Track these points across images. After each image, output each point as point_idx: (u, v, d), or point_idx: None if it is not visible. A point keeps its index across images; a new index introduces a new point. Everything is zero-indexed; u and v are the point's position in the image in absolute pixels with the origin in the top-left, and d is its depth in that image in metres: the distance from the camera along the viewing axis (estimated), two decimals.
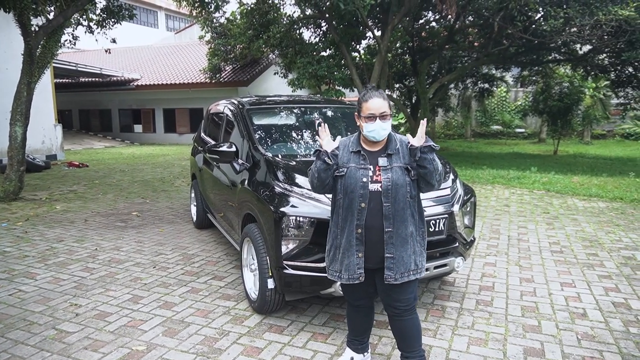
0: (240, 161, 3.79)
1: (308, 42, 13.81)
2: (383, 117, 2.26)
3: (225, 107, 4.72)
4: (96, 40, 10.32)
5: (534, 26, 11.42)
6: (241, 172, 3.72)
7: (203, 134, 5.51)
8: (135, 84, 20.70)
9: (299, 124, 4.35)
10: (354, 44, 14.48)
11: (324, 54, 13.60)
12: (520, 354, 2.77)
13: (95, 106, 23.06)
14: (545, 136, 21.67)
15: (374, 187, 2.26)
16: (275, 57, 16.30)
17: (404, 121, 21.18)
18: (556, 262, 4.42)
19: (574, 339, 2.95)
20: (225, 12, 14.56)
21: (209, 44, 17.19)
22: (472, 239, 3.55)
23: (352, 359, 2.60)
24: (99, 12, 10.01)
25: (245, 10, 13.56)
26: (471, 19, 13.29)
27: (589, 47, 12.56)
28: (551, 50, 13.66)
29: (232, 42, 15.47)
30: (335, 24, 12.44)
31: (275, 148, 3.83)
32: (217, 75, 18.41)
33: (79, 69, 18.54)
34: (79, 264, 4.39)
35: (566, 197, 7.64)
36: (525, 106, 22.32)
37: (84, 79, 21.23)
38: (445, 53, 15.38)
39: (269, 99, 4.94)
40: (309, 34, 14.73)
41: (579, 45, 12.98)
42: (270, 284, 3.06)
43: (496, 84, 19.46)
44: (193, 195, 5.85)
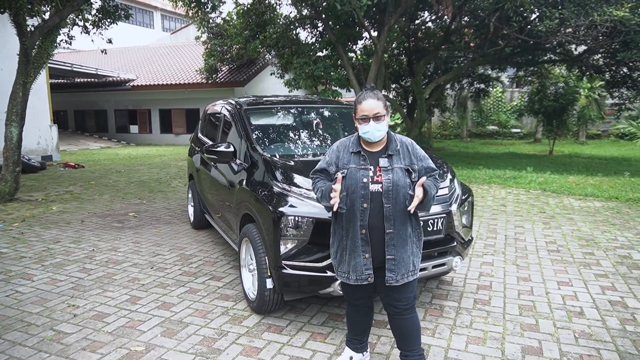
0: (238, 161, 3.79)
1: (305, 42, 13.83)
2: (377, 118, 2.26)
3: (222, 107, 4.71)
4: (92, 40, 10.29)
5: (529, 27, 11.47)
6: (239, 172, 3.72)
7: (200, 135, 5.50)
8: (131, 84, 20.62)
9: (296, 124, 4.36)
10: (351, 44, 14.50)
11: (320, 54, 13.62)
12: (519, 352, 2.78)
13: (91, 107, 22.97)
14: (540, 136, 21.77)
15: (374, 187, 2.26)
16: (271, 57, 16.30)
17: (400, 121, 21.22)
18: (553, 261, 4.44)
19: (571, 337, 2.96)
20: (221, 13, 14.53)
21: (205, 45, 17.15)
22: (470, 238, 3.57)
23: (351, 358, 2.61)
24: (94, 12, 9.98)
25: (242, 11, 13.56)
26: (467, 19, 13.33)
27: (584, 47, 12.63)
28: (546, 50, 13.72)
29: (228, 42, 15.45)
30: (332, 24, 12.45)
31: (273, 148, 3.83)
32: (214, 76, 18.37)
33: (75, 69, 18.45)
34: (76, 264, 4.37)
35: (562, 196, 7.69)
36: (521, 106, 22.40)
37: (79, 80, 21.13)
38: (442, 53, 15.43)
39: (266, 99, 4.94)
40: (305, 35, 14.75)
41: (574, 46, 13.08)
42: (269, 283, 3.06)
43: (492, 84, 19.53)
44: (190, 195, 5.84)
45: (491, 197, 7.68)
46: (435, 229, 3.07)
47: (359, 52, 15.89)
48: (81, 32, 10.09)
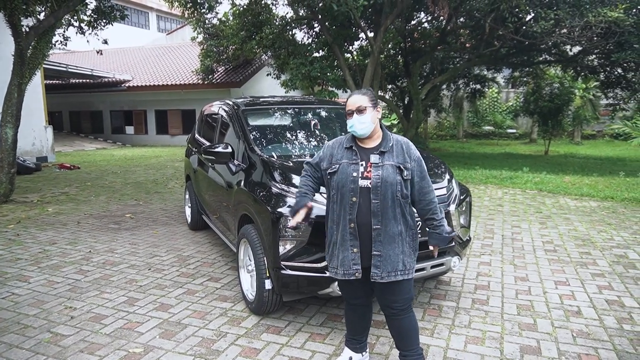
0: (236, 162, 3.79)
1: (301, 43, 13.82)
2: (360, 111, 2.31)
3: (220, 108, 4.70)
4: (87, 41, 10.24)
5: (524, 27, 11.52)
6: (237, 173, 3.71)
7: (197, 136, 5.49)
8: (127, 85, 20.55)
9: (294, 124, 4.35)
10: (347, 45, 14.51)
11: (316, 55, 13.61)
12: (517, 352, 2.79)
13: (86, 107, 22.85)
14: (536, 136, 21.88)
15: (364, 183, 2.29)
16: (268, 58, 16.27)
17: (396, 122, 21.26)
18: (550, 260, 4.46)
19: (569, 336, 2.98)
20: (217, 13, 14.51)
21: (201, 45, 17.12)
22: (468, 238, 3.58)
23: (350, 358, 2.61)
24: (90, 12, 9.94)
25: (238, 11, 13.53)
26: (463, 20, 13.37)
27: (578, 48, 12.70)
28: (542, 51, 13.80)
29: (224, 43, 15.42)
30: (328, 25, 12.45)
31: (271, 149, 3.83)
32: (210, 77, 18.33)
33: (70, 70, 18.36)
34: (72, 266, 4.35)
35: (558, 196, 7.72)
36: (517, 107, 22.52)
37: (74, 80, 21.02)
38: (438, 54, 15.47)
39: (263, 99, 4.94)
40: (301, 35, 14.74)
41: (569, 47, 13.14)
42: (268, 284, 3.06)
43: (488, 84, 19.60)
44: (187, 196, 5.82)
45: (488, 197, 7.71)
46: None
47: (355, 52, 15.91)
48: (76, 33, 10.04)
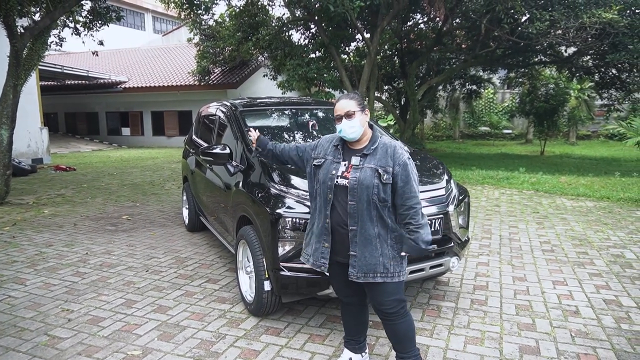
0: (234, 163, 3.78)
1: (297, 44, 13.81)
2: (348, 115, 2.33)
3: (217, 109, 4.69)
4: (83, 42, 10.18)
5: (520, 28, 11.58)
6: (235, 174, 3.70)
7: (195, 137, 5.47)
8: (123, 86, 20.47)
9: (292, 125, 4.35)
10: (344, 46, 14.51)
11: (313, 56, 13.60)
12: (516, 352, 2.80)
13: (82, 109, 22.75)
14: (532, 137, 21.95)
15: (342, 182, 2.32)
16: (264, 59, 16.26)
17: (393, 123, 21.29)
18: (547, 260, 4.47)
19: (567, 336, 2.99)
20: (214, 14, 14.47)
21: (198, 46, 17.07)
22: (467, 238, 3.58)
23: (350, 359, 2.60)
24: (85, 13, 9.89)
25: (234, 13, 13.52)
26: (459, 21, 13.41)
27: (573, 49, 12.75)
28: (537, 52, 13.86)
29: (221, 44, 15.38)
30: (325, 26, 12.46)
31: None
32: (206, 78, 18.29)
33: (65, 71, 18.28)
34: (69, 268, 4.32)
35: (555, 196, 7.76)
36: (512, 107, 22.61)
37: (70, 82, 20.93)
38: (434, 55, 15.51)
39: (261, 100, 4.93)
40: (298, 36, 14.74)
41: (564, 48, 13.22)
42: (267, 286, 3.05)
43: (483, 85, 19.67)
44: (185, 198, 5.80)
45: (485, 198, 7.73)
46: (432, 229, 3.07)
47: (351, 53, 15.90)
48: (72, 34, 9.98)
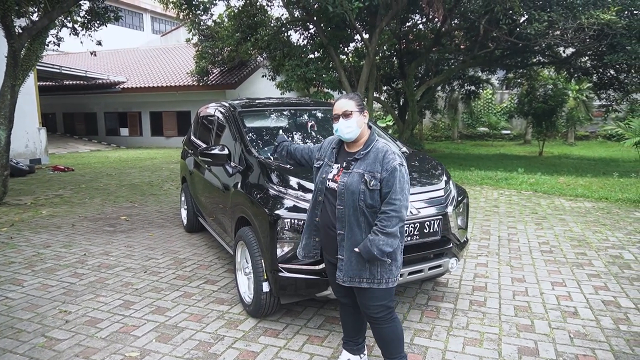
0: (233, 164, 3.77)
1: (296, 44, 13.81)
2: (346, 115, 2.33)
3: (216, 110, 4.68)
4: (81, 42, 10.15)
5: (518, 29, 11.59)
6: (234, 175, 3.69)
7: (193, 137, 5.46)
8: (121, 86, 20.43)
9: (290, 126, 4.34)
10: (342, 46, 14.53)
11: (312, 56, 13.60)
12: (515, 353, 2.79)
13: (80, 109, 22.70)
14: (530, 137, 21.99)
15: (332, 185, 2.34)
16: (263, 59, 16.26)
17: (392, 123, 21.30)
18: (546, 261, 4.47)
19: (566, 337, 2.99)
20: (212, 15, 14.47)
21: (196, 47, 17.06)
22: (465, 239, 3.58)
23: None
24: (83, 14, 9.86)
25: (233, 13, 13.51)
26: (457, 22, 13.43)
27: (572, 50, 12.79)
28: (535, 53, 13.89)
29: (219, 44, 15.38)
30: (324, 26, 12.46)
31: (268, 150, 3.81)
32: (205, 78, 18.27)
33: (63, 71, 18.22)
34: (67, 269, 4.30)
35: (553, 197, 7.76)
36: (511, 108, 22.65)
37: (68, 82, 20.88)
38: (432, 55, 15.52)
39: (259, 101, 4.92)
40: (297, 37, 14.74)
41: (562, 48, 13.23)
42: (266, 287, 3.04)
43: (482, 86, 19.69)
44: (183, 198, 5.79)
45: (483, 199, 7.73)
46: (431, 230, 3.07)
47: (350, 54, 15.92)
48: (70, 34, 9.95)
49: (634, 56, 10.05)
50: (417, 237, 3.01)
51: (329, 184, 2.35)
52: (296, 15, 13.24)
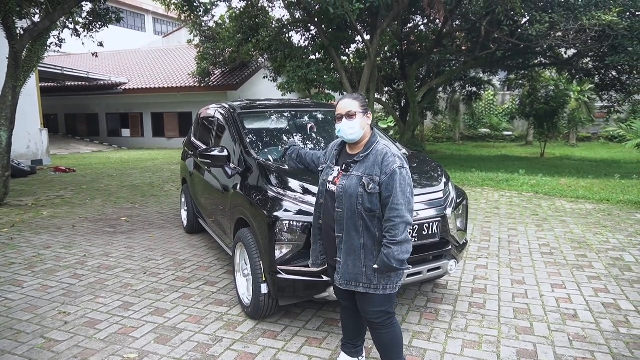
0: (232, 165, 3.77)
1: (297, 45, 13.82)
2: (349, 116, 2.31)
3: (216, 111, 4.69)
4: (83, 43, 10.19)
5: (520, 30, 11.58)
6: (233, 176, 3.70)
7: (194, 139, 5.47)
8: (123, 88, 20.48)
9: (290, 127, 4.34)
10: (344, 47, 14.53)
11: (313, 57, 13.61)
12: (514, 356, 2.78)
13: (82, 110, 22.77)
14: (532, 139, 21.95)
15: (332, 188, 2.34)
16: (264, 60, 16.28)
17: (393, 124, 21.29)
18: (546, 263, 4.46)
19: (565, 340, 2.97)
20: (214, 16, 14.50)
21: (198, 48, 17.10)
22: (465, 241, 3.57)
23: None
24: (85, 15, 9.89)
25: (234, 14, 13.53)
26: (459, 23, 13.42)
27: (573, 51, 12.77)
28: (537, 54, 13.87)
29: (221, 45, 15.41)
30: (325, 27, 12.47)
31: (267, 152, 3.81)
32: (206, 79, 18.31)
33: (65, 72, 18.29)
34: (67, 270, 4.31)
35: (554, 199, 7.74)
36: (513, 109, 22.59)
37: (70, 83, 20.94)
38: (434, 57, 15.53)
39: (260, 103, 4.92)
40: (298, 38, 14.76)
41: (564, 50, 13.20)
42: (264, 289, 3.04)
43: (484, 87, 19.69)
44: (183, 200, 5.79)
45: (484, 200, 7.72)
46: (430, 232, 3.07)
47: (351, 55, 15.92)
48: (72, 35, 9.99)
49: (635, 57, 10.03)
50: (415, 239, 3.00)
51: (329, 187, 2.35)
52: (297, 17, 13.25)
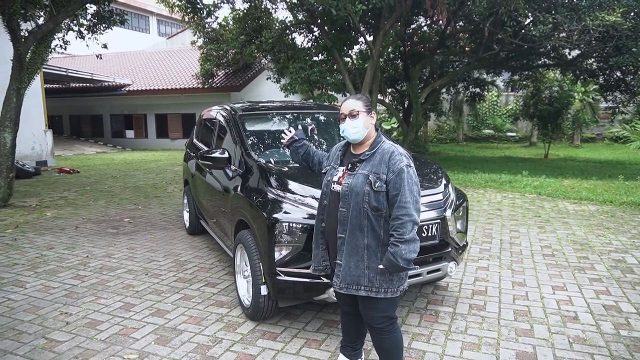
0: (233, 167, 3.79)
1: (300, 47, 13.85)
2: (352, 115, 2.31)
3: (217, 113, 4.71)
4: (87, 45, 10.26)
5: (523, 31, 11.54)
6: (234, 178, 3.71)
7: (195, 140, 5.49)
8: (127, 89, 20.58)
9: (291, 129, 4.34)
10: (346, 49, 14.54)
11: (316, 59, 13.63)
12: (513, 358, 2.78)
13: (87, 112, 22.89)
14: (536, 140, 21.88)
15: (337, 188, 2.32)
16: (267, 62, 16.32)
17: (396, 125, 21.27)
18: (548, 265, 4.45)
19: (565, 342, 2.97)
20: (217, 18, 14.55)
21: (201, 49, 17.17)
22: (465, 243, 3.57)
23: None
24: (89, 17, 9.96)
25: (238, 16, 13.57)
26: (462, 24, 13.41)
27: (577, 52, 12.71)
28: (541, 55, 13.82)
29: (224, 47, 15.47)
30: (328, 29, 12.48)
31: (268, 154, 3.83)
32: (210, 81, 18.37)
33: (70, 74, 18.39)
34: (69, 271, 4.34)
35: (557, 200, 7.72)
36: (516, 110, 22.54)
37: (74, 85, 21.07)
38: (437, 58, 15.50)
39: (261, 104, 4.94)
40: (301, 39, 14.83)
41: (567, 50, 13.16)
42: (264, 290, 3.05)
43: (487, 88, 19.62)
44: (185, 201, 5.81)
45: (487, 202, 7.70)
46: (429, 234, 3.07)
47: (354, 56, 15.93)
48: (76, 37, 10.05)
49: (639, 58, 9.98)
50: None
51: (333, 187, 2.33)
52: (300, 18, 13.28)
